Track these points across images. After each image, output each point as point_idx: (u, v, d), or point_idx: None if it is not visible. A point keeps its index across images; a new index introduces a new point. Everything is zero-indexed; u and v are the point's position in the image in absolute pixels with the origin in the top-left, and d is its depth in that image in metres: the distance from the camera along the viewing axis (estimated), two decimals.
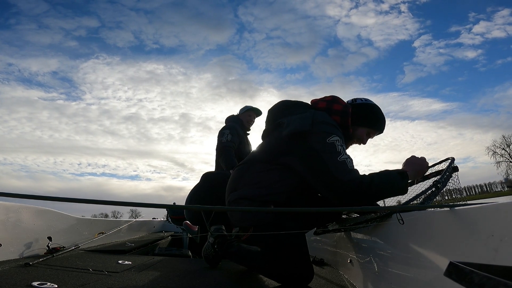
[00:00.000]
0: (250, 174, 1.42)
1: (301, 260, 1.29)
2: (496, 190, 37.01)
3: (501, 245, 0.54)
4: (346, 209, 1.38)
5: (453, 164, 1.26)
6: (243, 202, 1.36)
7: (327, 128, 1.30)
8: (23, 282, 1.09)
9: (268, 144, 1.46)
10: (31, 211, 1.75)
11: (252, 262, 1.45)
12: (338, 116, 1.41)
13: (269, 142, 1.47)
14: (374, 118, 1.52)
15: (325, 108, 1.44)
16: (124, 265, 1.63)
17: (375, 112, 1.52)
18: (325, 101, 1.48)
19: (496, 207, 0.60)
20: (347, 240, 1.62)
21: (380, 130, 1.55)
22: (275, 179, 1.36)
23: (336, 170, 1.23)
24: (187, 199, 2.06)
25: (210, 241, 1.71)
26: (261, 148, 1.52)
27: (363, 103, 1.51)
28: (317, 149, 1.26)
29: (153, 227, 4.14)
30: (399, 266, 0.99)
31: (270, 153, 1.40)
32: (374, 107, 1.52)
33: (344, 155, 1.26)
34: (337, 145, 1.26)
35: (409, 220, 0.95)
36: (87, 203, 0.93)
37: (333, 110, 1.43)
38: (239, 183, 1.43)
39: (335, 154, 1.25)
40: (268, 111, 1.58)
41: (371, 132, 1.53)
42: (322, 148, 1.26)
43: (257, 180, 1.38)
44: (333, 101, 1.46)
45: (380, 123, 1.53)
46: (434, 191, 1.15)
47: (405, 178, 1.27)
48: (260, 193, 1.35)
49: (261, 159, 1.42)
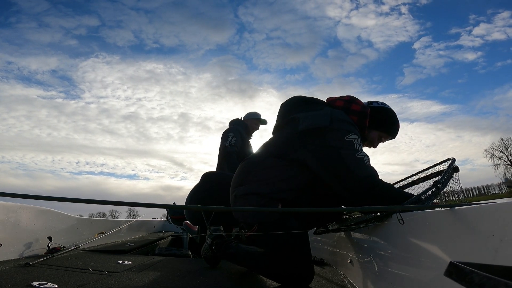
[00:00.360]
0: (259, 169, 1.38)
1: (303, 260, 1.29)
2: (494, 192, 37.27)
3: (501, 245, 0.54)
4: (346, 209, 1.38)
5: (454, 164, 1.26)
6: (251, 198, 1.33)
7: (346, 126, 1.29)
8: (23, 282, 1.09)
9: (281, 139, 1.43)
10: (31, 211, 1.75)
11: (251, 262, 1.44)
12: (356, 116, 1.40)
13: (281, 136, 1.43)
14: (389, 123, 1.51)
15: (342, 107, 1.43)
16: (124, 265, 1.63)
17: (390, 117, 1.51)
18: (342, 100, 1.46)
19: (496, 207, 0.60)
20: (347, 240, 1.62)
21: (393, 135, 1.54)
22: (286, 176, 1.33)
23: (354, 166, 1.22)
24: (187, 199, 2.06)
25: (208, 242, 1.70)
26: (272, 143, 1.47)
27: (380, 107, 1.50)
28: (335, 146, 1.24)
29: (153, 227, 4.14)
30: (399, 266, 0.99)
31: (283, 148, 1.37)
32: (390, 112, 1.51)
33: (362, 153, 1.26)
34: (355, 143, 1.25)
35: (409, 220, 0.95)
36: (87, 203, 0.93)
37: (351, 110, 1.41)
38: (247, 177, 1.40)
39: (353, 151, 1.24)
40: (281, 105, 1.55)
41: (384, 137, 1.52)
42: (340, 145, 1.24)
43: (267, 175, 1.35)
44: (351, 101, 1.45)
45: (394, 128, 1.52)
46: (435, 191, 1.15)
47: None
48: (269, 190, 1.32)
49: (273, 154, 1.39)
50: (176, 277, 1.40)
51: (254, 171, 1.40)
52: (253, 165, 1.43)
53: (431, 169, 1.44)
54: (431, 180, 1.34)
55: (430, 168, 1.46)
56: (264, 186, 1.34)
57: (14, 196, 0.90)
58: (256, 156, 1.48)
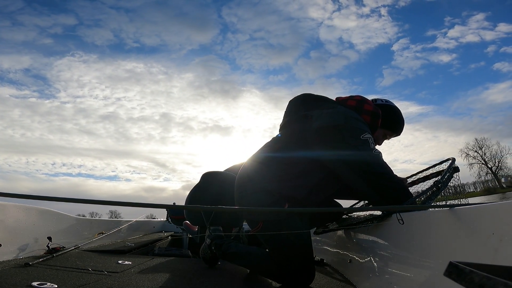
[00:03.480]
0: (272, 165, 1.37)
1: (305, 261, 1.29)
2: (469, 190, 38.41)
3: (501, 245, 0.54)
4: (347, 209, 1.38)
5: (454, 164, 1.26)
6: (259, 195, 1.33)
7: (361, 125, 1.30)
8: (23, 282, 1.09)
9: (293, 135, 1.41)
10: (31, 211, 1.75)
11: (252, 262, 1.44)
12: (368, 116, 1.42)
13: (294, 133, 1.42)
14: (394, 121, 1.52)
15: (355, 106, 1.43)
16: (124, 265, 1.63)
17: (396, 114, 1.52)
18: (354, 100, 1.47)
19: (496, 207, 0.60)
20: (347, 240, 1.62)
21: (398, 133, 1.56)
22: (300, 173, 1.32)
23: (373, 163, 1.25)
24: (187, 199, 2.06)
25: (207, 243, 1.69)
26: (281, 139, 1.46)
27: (385, 104, 1.51)
28: (353, 144, 1.26)
29: (153, 227, 4.14)
30: (399, 266, 0.99)
31: (295, 145, 1.37)
32: (395, 109, 1.53)
33: (376, 151, 1.28)
34: (370, 143, 1.27)
35: (409, 220, 0.95)
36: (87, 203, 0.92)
37: (363, 110, 1.42)
38: (258, 174, 1.39)
39: (369, 149, 1.26)
40: (290, 102, 1.55)
41: (388, 134, 1.54)
42: (356, 143, 1.26)
43: (280, 172, 1.34)
44: (363, 101, 1.47)
45: (400, 125, 1.54)
46: (435, 191, 1.15)
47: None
48: (282, 186, 1.31)
49: (282, 151, 1.38)
50: (176, 277, 1.40)
51: (266, 167, 1.38)
52: (263, 161, 1.42)
53: (431, 169, 1.44)
54: (431, 180, 1.34)
55: (430, 168, 1.46)
56: (277, 183, 1.32)
57: (14, 196, 0.90)
58: (264, 153, 1.46)
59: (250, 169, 1.43)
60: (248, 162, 1.48)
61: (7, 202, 1.58)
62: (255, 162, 1.44)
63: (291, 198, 1.31)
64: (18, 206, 1.66)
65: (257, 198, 1.33)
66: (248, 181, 1.39)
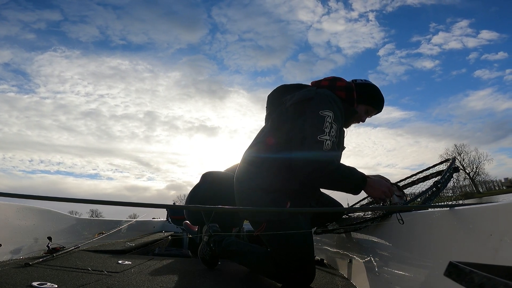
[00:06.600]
0: (259, 159, 1.38)
1: (307, 261, 1.29)
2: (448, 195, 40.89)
3: (501, 245, 0.54)
4: (346, 209, 1.38)
5: (454, 164, 1.26)
6: (257, 194, 1.33)
7: (326, 101, 1.32)
8: (23, 282, 1.09)
9: (273, 122, 1.44)
10: (31, 211, 1.75)
11: (253, 261, 1.44)
12: (343, 91, 1.44)
13: (273, 120, 1.45)
14: (374, 96, 1.55)
15: (328, 85, 1.46)
16: (124, 265, 1.63)
17: (375, 90, 1.55)
18: (327, 80, 1.50)
19: (496, 207, 0.61)
20: (347, 240, 1.62)
21: (379, 109, 1.58)
22: (289, 165, 1.30)
23: (309, 144, 1.25)
24: (187, 199, 2.06)
25: (204, 240, 1.65)
26: (265, 129, 1.48)
27: (364, 82, 1.55)
28: (308, 114, 1.29)
29: (153, 227, 4.14)
30: (399, 266, 1.00)
31: (277, 130, 1.39)
32: (374, 87, 1.56)
33: (326, 136, 1.26)
34: (326, 121, 1.27)
35: (409, 220, 0.95)
36: (87, 203, 0.93)
37: (336, 86, 1.45)
38: (249, 171, 1.40)
39: (319, 131, 1.25)
40: (268, 96, 1.58)
41: (370, 110, 1.56)
42: (311, 118, 1.28)
43: (267, 165, 1.35)
44: (335, 79, 1.49)
45: (379, 101, 1.57)
46: (435, 192, 1.15)
47: (363, 183, 1.27)
48: (273, 181, 1.32)
49: (269, 141, 1.40)
50: (176, 277, 1.40)
51: (256, 162, 1.40)
52: (253, 156, 1.43)
53: (431, 169, 1.44)
54: (431, 180, 1.34)
55: (430, 168, 1.46)
56: (268, 178, 1.33)
57: (14, 196, 0.90)
58: (254, 146, 1.47)
59: (242, 170, 1.45)
60: (240, 163, 1.49)
61: (7, 202, 1.58)
62: (246, 159, 1.46)
63: (288, 192, 1.32)
64: (18, 206, 1.66)
65: (256, 197, 1.33)
66: (244, 178, 1.41)
